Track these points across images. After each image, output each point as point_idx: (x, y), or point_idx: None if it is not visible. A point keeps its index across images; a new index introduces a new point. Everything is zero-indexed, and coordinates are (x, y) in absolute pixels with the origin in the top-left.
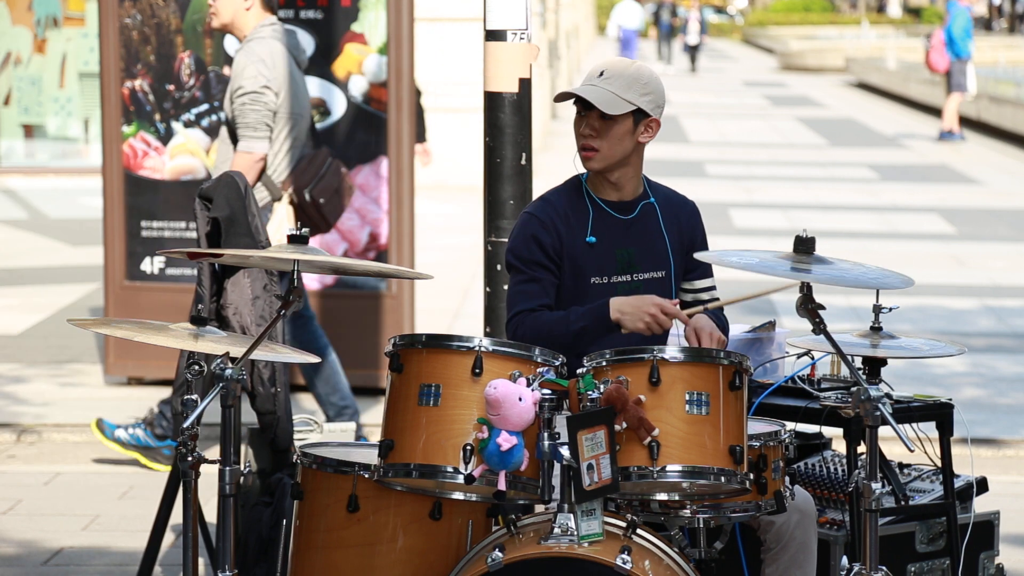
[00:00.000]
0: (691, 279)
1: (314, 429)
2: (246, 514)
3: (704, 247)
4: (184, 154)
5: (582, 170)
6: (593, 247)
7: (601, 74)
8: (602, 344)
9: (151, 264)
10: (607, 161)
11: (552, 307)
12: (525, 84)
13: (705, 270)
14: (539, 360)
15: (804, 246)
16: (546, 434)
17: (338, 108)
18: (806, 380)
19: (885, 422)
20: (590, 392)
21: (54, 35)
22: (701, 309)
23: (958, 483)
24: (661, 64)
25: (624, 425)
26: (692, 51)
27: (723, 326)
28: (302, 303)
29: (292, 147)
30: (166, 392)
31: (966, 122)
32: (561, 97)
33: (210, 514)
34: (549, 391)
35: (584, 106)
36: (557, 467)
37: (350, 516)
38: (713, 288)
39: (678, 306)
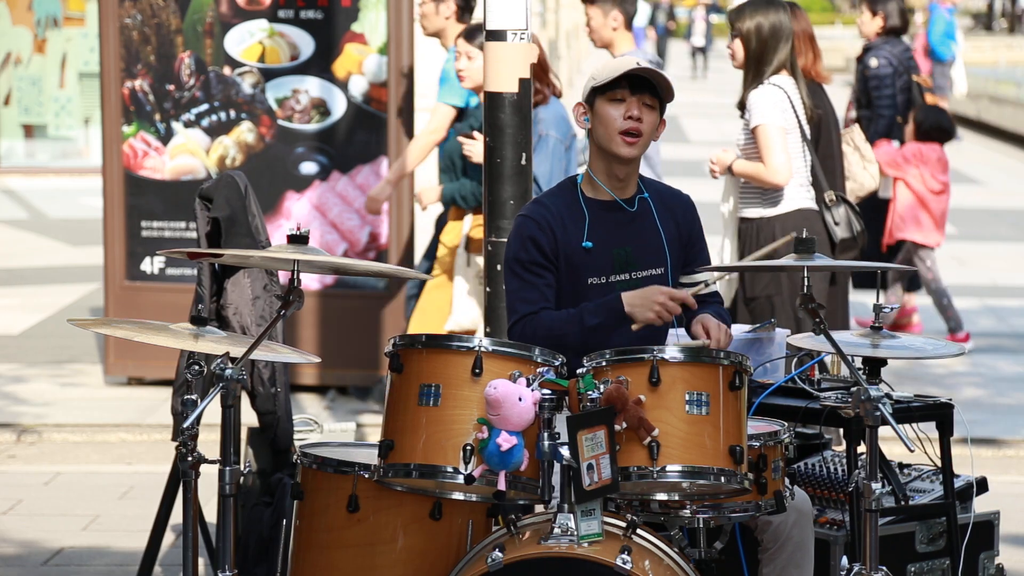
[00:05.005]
0: (689, 273)
1: (314, 429)
2: (246, 514)
3: (701, 241)
4: (184, 154)
5: (581, 163)
6: (590, 251)
7: (639, 63)
8: (608, 339)
9: (151, 264)
10: (644, 148)
11: (551, 309)
12: (525, 84)
13: (703, 264)
14: (539, 360)
15: (804, 246)
16: (546, 434)
17: (338, 108)
18: (806, 380)
19: (885, 422)
20: (590, 392)
21: (54, 35)
22: (702, 287)
23: (958, 483)
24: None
25: (624, 425)
26: (699, 54)
27: (727, 321)
28: (302, 303)
29: None
30: (166, 392)
31: (966, 122)
32: (631, 81)
33: (210, 514)
34: (549, 391)
35: (633, 89)
36: (557, 467)
37: (350, 516)
38: (708, 283)
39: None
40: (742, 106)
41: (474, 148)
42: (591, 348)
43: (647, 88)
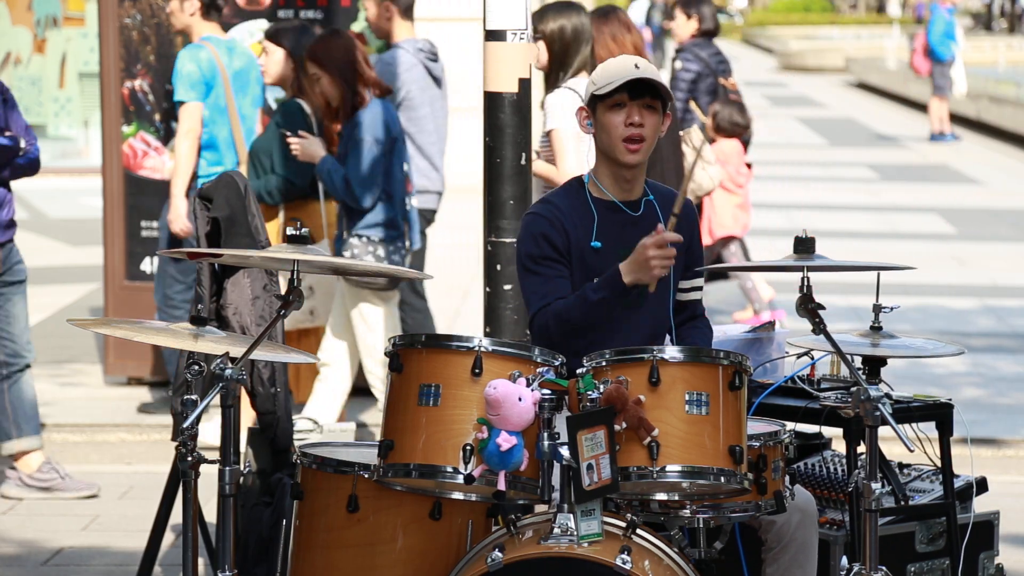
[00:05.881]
0: (683, 278)
1: (314, 429)
2: (246, 514)
3: (700, 247)
4: None
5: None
6: (598, 251)
7: (637, 66)
8: (610, 341)
9: (151, 264)
10: (648, 152)
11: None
12: (525, 84)
13: (697, 272)
14: (539, 360)
15: (804, 246)
16: (546, 434)
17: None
18: (806, 380)
19: (885, 422)
20: (590, 392)
21: (54, 35)
22: (674, 222)
23: (958, 483)
24: None
25: (624, 425)
26: None
27: (707, 335)
28: (302, 303)
29: None
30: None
31: (966, 122)
32: (630, 86)
33: (210, 514)
34: (549, 391)
35: (632, 94)
36: (557, 467)
37: (350, 516)
38: (701, 288)
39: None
40: (542, 107)
41: (300, 145)
42: (603, 336)
43: (647, 90)
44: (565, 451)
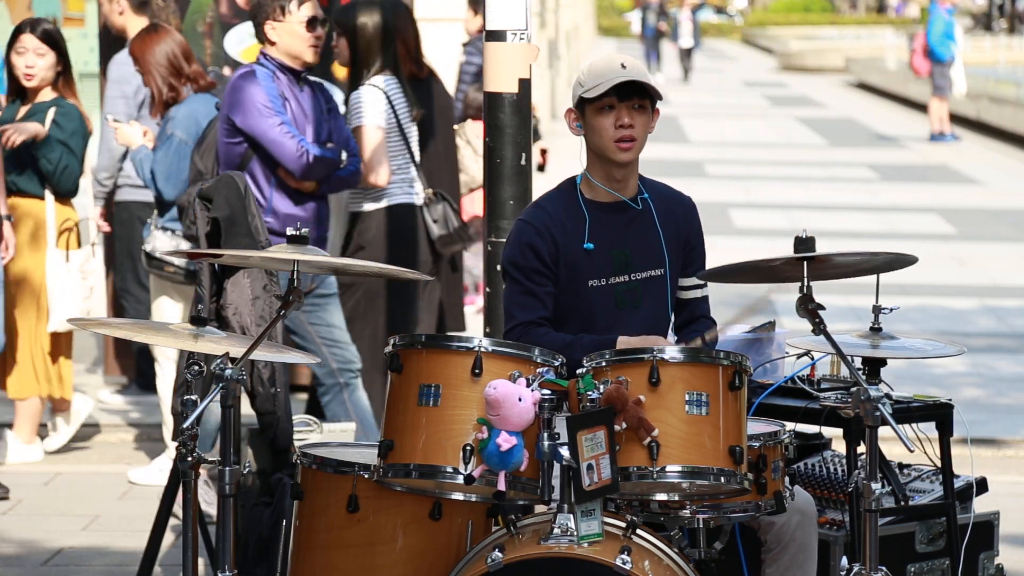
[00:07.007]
0: (684, 275)
1: (314, 429)
2: (246, 514)
3: (700, 244)
4: None
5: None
6: (590, 253)
7: (623, 66)
8: (609, 341)
9: None
10: (639, 150)
11: (550, 318)
12: (525, 84)
13: (698, 268)
14: (539, 360)
15: (804, 246)
16: (546, 434)
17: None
18: (806, 380)
19: (885, 422)
20: (590, 392)
21: None
22: (698, 343)
23: (958, 483)
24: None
25: (624, 425)
26: (685, 56)
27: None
28: (302, 303)
29: None
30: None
31: (966, 122)
32: (617, 87)
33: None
34: (549, 391)
35: (620, 96)
36: (557, 467)
37: (350, 516)
38: (704, 286)
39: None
40: (345, 104)
41: (120, 130)
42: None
43: (635, 90)
44: (565, 451)
